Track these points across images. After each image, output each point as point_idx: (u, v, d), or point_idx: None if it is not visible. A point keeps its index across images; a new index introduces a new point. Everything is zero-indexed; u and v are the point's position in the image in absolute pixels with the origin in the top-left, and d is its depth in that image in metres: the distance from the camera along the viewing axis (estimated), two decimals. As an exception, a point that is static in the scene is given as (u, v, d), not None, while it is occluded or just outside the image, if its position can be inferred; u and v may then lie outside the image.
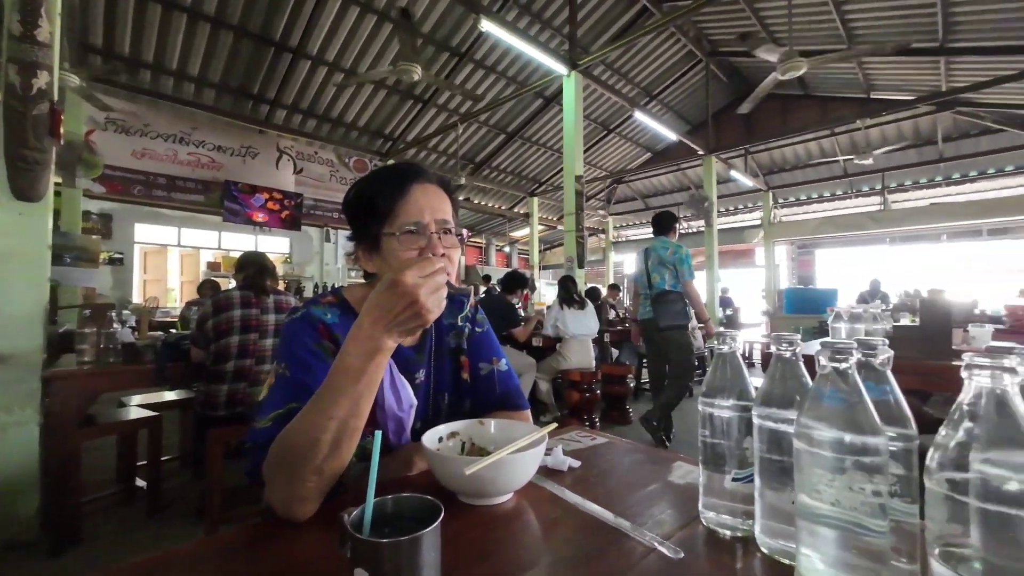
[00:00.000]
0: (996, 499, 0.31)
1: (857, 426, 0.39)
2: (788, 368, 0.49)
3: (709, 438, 0.55)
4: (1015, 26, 5.04)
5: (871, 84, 7.62)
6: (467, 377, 0.85)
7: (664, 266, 3.25)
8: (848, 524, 0.39)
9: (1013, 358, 0.31)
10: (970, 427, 0.32)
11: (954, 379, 0.33)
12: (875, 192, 9.62)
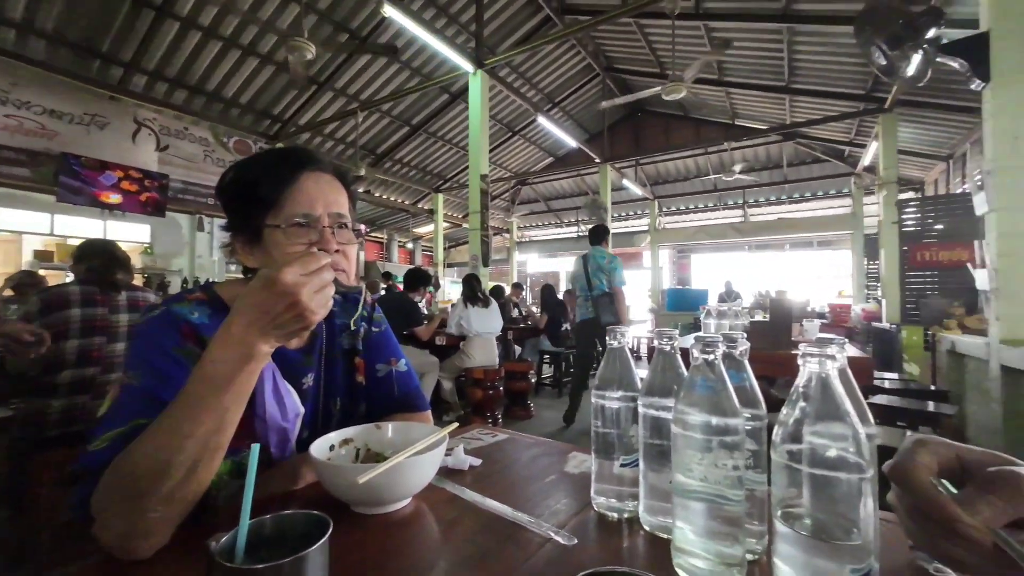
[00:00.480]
0: (821, 464, 0.37)
1: (721, 410, 0.44)
2: (668, 360, 0.54)
3: (600, 428, 0.59)
4: (837, 75, 6.17)
5: (735, 112, 8.79)
6: (362, 379, 0.80)
7: (603, 271, 3.72)
8: (713, 496, 0.44)
9: (834, 347, 0.37)
10: (804, 406, 0.38)
11: (793, 365, 0.39)
12: (738, 206, 11.14)
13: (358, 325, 0.82)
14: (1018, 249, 2.35)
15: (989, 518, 0.31)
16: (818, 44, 5.55)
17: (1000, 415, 2.40)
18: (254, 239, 0.66)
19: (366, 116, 7.42)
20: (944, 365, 3.52)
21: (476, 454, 0.77)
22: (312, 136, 7.82)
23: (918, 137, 6.69)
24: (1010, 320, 2.35)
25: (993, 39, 2.37)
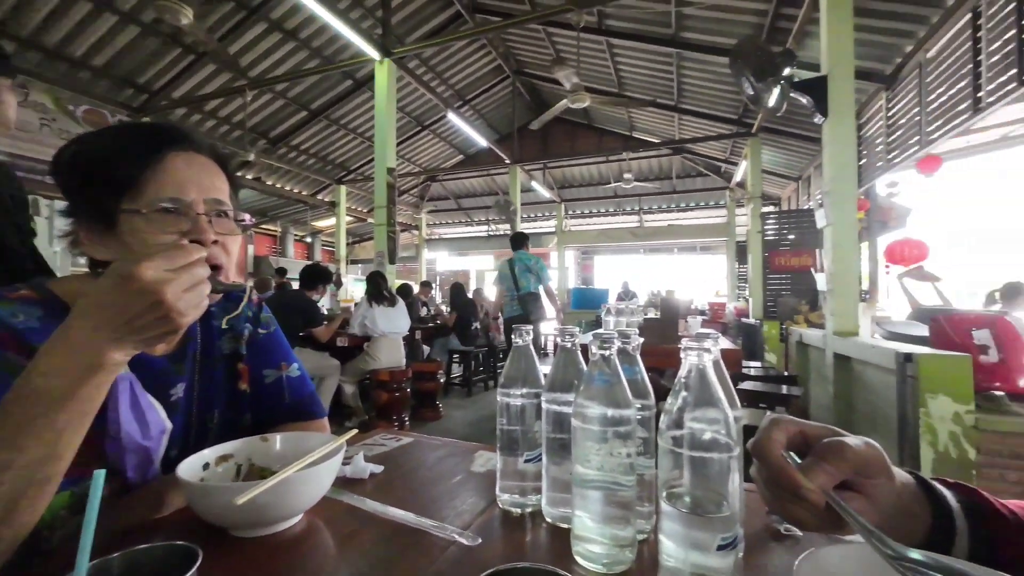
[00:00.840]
0: (698, 447, 0.41)
1: (616, 402, 0.47)
2: (569, 357, 0.57)
3: (506, 425, 0.60)
4: (717, 100, 6.97)
5: (633, 125, 9.52)
6: (246, 387, 0.72)
7: (531, 272, 4.11)
8: (609, 484, 0.47)
9: (709, 341, 0.42)
10: (685, 395, 0.42)
11: (678, 358, 0.43)
12: (634, 212, 12.08)
13: (239, 327, 0.73)
14: (846, 257, 2.86)
15: (823, 482, 0.36)
16: (701, 70, 6.22)
17: (832, 394, 2.90)
18: (105, 226, 0.55)
19: (257, 95, 6.71)
20: (794, 354, 4.17)
21: (378, 460, 0.73)
22: (190, 112, 6.89)
23: (777, 159, 7.82)
24: (840, 315, 2.84)
25: (830, 81, 2.85)
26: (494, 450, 0.74)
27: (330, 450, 0.56)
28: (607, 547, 0.47)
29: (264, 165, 8.34)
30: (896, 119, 4.39)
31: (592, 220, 12.71)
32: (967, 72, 3.24)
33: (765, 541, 0.52)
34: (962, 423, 1.88)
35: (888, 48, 4.20)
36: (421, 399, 4.26)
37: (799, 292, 5.30)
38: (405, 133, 9.26)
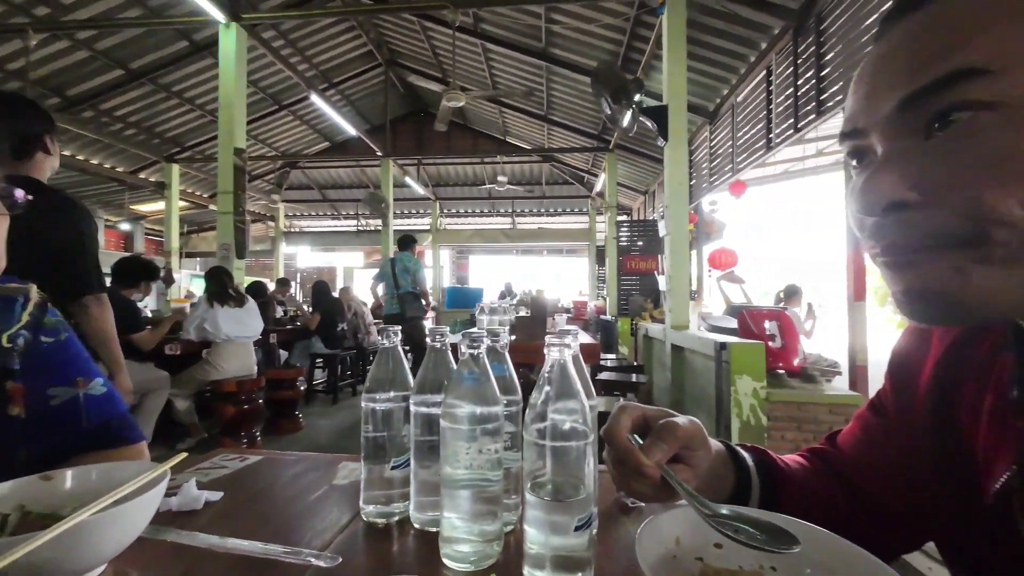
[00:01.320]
0: (559, 437, 0.43)
1: (485, 400, 0.48)
2: (439, 357, 0.56)
3: (371, 432, 0.56)
4: (581, 115, 7.61)
5: (507, 130, 9.87)
6: (20, 412, 0.56)
7: (408, 272, 4.40)
8: (477, 481, 0.47)
9: (569, 337, 0.45)
10: (548, 389, 0.45)
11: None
12: (508, 214, 12.55)
13: (16, 334, 0.57)
14: (680, 262, 3.36)
15: (659, 458, 0.42)
16: (568, 86, 6.73)
17: (669, 379, 3.38)
18: None
19: (46, 40, 5.29)
20: (642, 346, 4.76)
21: (217, 486, 0.63)
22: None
23: (630, 174, 8.84)
24: (676, 312, 3.33)
25: (670, 111, 3.32)
26: (359, 460, 0.69)
27: (146, 481, 0.46)
28: (474, 545, 0.47)
29: (60, 130, 6.62)
30: (716, 148, 5.30)
31: (467, 220, 12.86)
32: (763, 116, 4.07)
33: (615, 515, 0.58)
34: (758, 397, 2.35)
35: (711, 89, 5.05)
36: (278, 410, 3.83)
37: (646, 292, 6.07)
38: (259, 111, 8.21)
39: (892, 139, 0.30)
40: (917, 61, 0.28)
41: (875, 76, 0.31)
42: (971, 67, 0.26)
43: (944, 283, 0.28)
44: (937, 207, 0.28)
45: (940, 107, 0.27)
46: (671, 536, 0.41)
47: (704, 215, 6.66)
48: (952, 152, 0.27)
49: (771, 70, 3.93)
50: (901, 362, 0.47)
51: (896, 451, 0.46)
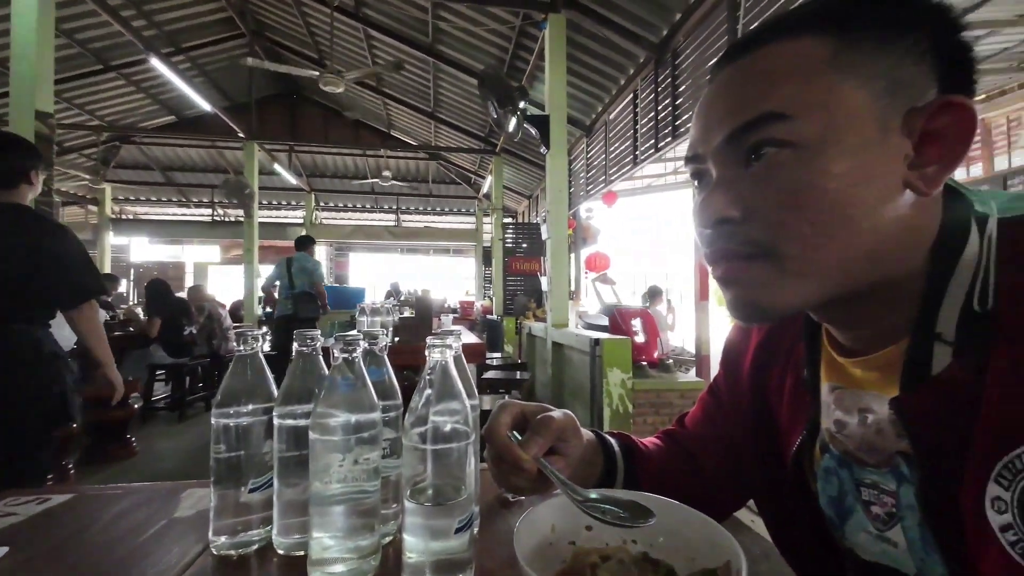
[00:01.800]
0: (441, 440, 0.42)
1: (361, 407, 0.45)
2: (308, 363, 0.51)
3: (224, 452, 0.49)
4: (468, 116, 7.65)
5: (392, 124, 9.51)
6: None
7: (306, 272, 4.36)
8: (353, 494, 0.44)
9: (450, 338, 0.44)
10: (429, 391, 0.43)
11: (430, 355, 0.44)
12: (392, 211, 12.09)
13: None
14: (560, 264, 3.58)
15: (536, 452, 0.44)
16: (456, 86, 6.73)
17: (550, 375, 3.58)
18: None
19: None
20: (525, 344, 4.96)
21: (5, 538, 0.50)
22: None
23: (515, 178, 9.16)
24: (556, 311, 3.54)
25: (551, 122, 3.51)
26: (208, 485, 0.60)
27: None
28: (349, 562, 0.44)
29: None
30: (592, 160, 5.77)
31: (347, 215, 12.09)
32: (630, 135, 4.54)
33: (497, 511, 0.59)
34: (625, 387, 2.61)
35: (588, 105, 5.48)
36: (103, 434, 3.16)
37: (530, 292, 6.35)
38: (76, 68, 6.69)
39: (722, 166, 0.36)
40: (737, 104, 0.34)
41: (708, 113, 0.37)
42: (773, 112, 0.32)
43: (755, 294, 0.35)
44: (752, 223, 0.34)
45: (754, 142, 0.34)
46: (547, 524, 0.43)
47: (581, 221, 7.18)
48: (762, 180, 0.34)
49: (637, 94, 4.40)
50: (730, 351, 0.56)
51: (725, 426, 0.55)
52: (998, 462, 0.29)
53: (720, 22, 3.11)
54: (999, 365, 0.29)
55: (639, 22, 3.87)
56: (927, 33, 0.32)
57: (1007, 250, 0.32)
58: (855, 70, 0.32)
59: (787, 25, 0.34)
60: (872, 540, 0.39)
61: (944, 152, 0.32)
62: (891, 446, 0.36)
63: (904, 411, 0.33)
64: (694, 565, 0.39)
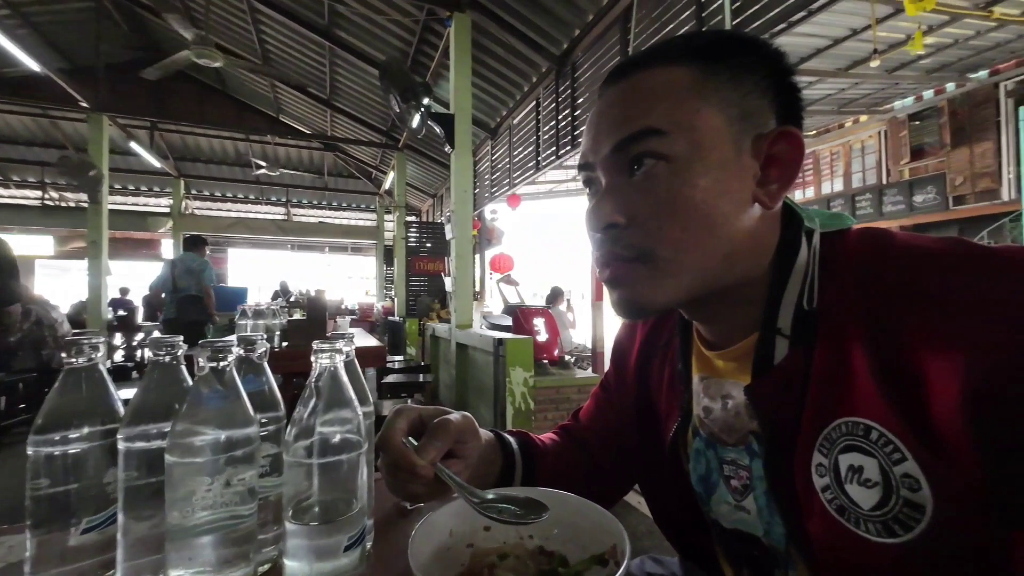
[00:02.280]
0: (329, 452, 0.39)
1: (234, 422, 0.40)
2: (167, 375, 0.44)
3: (47, 488, 0.40)
4: (369, 107, 7.29)
5: (281, 108, 8.71)
6: None
7: (192, 274, 4.13)
8: (224, 521, 0.39)
9: (340, 342, 0.41)
10: (315, 400, 0.40)
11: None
12: (281, 203, 11.07)
13: None
14: (465, 264, 3.57)
15: (433, 457, 0.42)
16: (355, 74, 6.37)
17: (454, 376, 3.56)
18: None
19: None
20: (429, 346, 4.86)
21: None
22: None
23: (419, 176, 8.95)
24: (460, 312, 3.52)
25: (456, 121, 3.49)
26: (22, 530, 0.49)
27: None
28: (217, 600, 0.38)
29: None
30: (497, 163, 5.85)
31: (226, 205, 10.80)
32: (533, 140, 4.69)
33: (394, 521, 0.57)
34: (528, 385, 2.69)
35: (493, 108, 5.55)
36: None
37: (434, 292, 6.24)
38: None
39: (609, 174, 0.40)
40: (622, 119, 0.39)
41: (597, 126, 0.41)
42: (652, 127, 0.37)
43: (635, 293, 0.39)
44: (634, 229, 0.38)
45: (636, 154, 0.38)
46: (445, 530, 0.42)
47: (486, 222, 7.25)
48: (642, 189, 0.38)
49: (539, 102, 4.57)
50: (618, 348, 0.60)
51: (614, 417, 0.59)
52: (820, 434, 0.35)
53: (614, 42, 3.36)
54: (821, 354, 0.35)
55: (541, 33, 4.03)
56: (768, 74, 0.39)
57: (824, 260, 0.39)
58: (715, 97, 0.38)
59: (661, 54, 0.40)
60: (731, 510, 0.44)
61: (782, 173, 0.38)
62: (745, 426, 0.42)
63: (754, 396, 0.39)
64: (586, 552, 0.41)
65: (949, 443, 0.29)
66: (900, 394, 0.31)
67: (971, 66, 6.32)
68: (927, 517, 0.30)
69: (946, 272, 0.32)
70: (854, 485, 0.33)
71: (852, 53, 5.38)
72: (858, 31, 4.88)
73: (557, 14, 3.75)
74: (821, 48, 5.22)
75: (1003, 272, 0.30)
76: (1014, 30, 5.15)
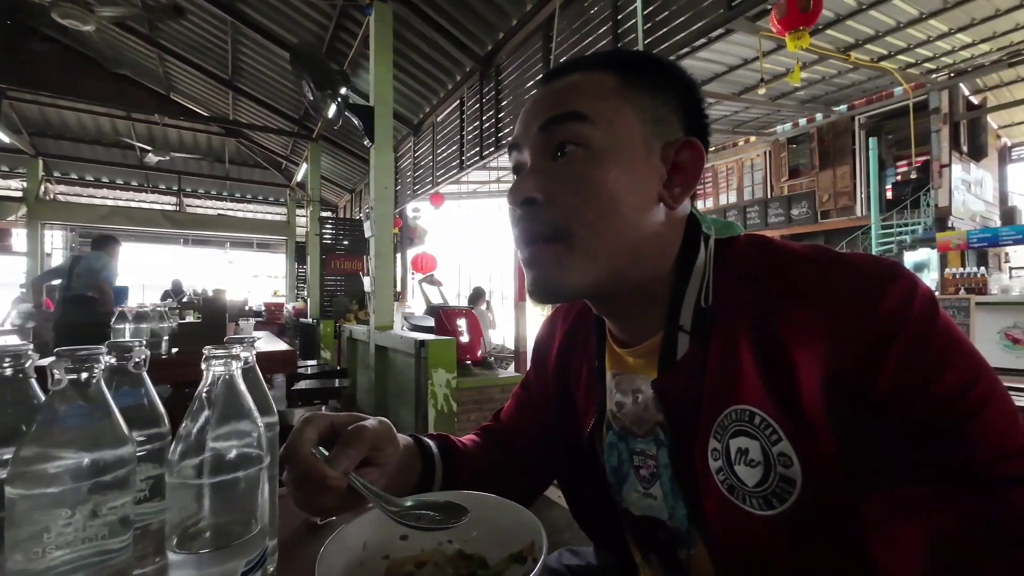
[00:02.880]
0: (223, 469, 0.35)
1: (101, 442, 0.34)
2: (14, 391, 0.37)
3: None
4: (278, 92, 6.74)
5: (172, 85, 7.76)
6: None
7: (91, 273, 3.74)
8: (89, 559, 0.33)
9: (237, 347, 0.37)
10: (208, 413, 0.36)
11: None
12: (172, 192, 9.87)
13: None
14: (385, 264, 3.44)
15: (346, 467, 0.40)
16: (262, 55, 5.86)
17: (373, 380, 3.41)
18: None
19: None
20: (346, 349, 4.62)
21: None
22: None
23: (335, 170, 8.47)
24: (380, 313, 3.39)
25: (376, 115, 3.35)
26: None
27: None
28: (78, 653, 0.33)
29: None
30: (419, 160, 5.72)
31: (101, 191, 9.40)
32: (457, 140, 4.66)
33: (302, 539, 0.53)
34: (450, 387, 2.66)
35: (416, 104, 5.42)
36: None
37: (351, 293, 5.94)
38: None
39: (535, 155, 0.43)
40: (553, 103, 0.43)
41: (530, 112, 0.45)
42: (578, 111, 0.41)
43: (550, 273, 0.41)
44: (551, 207, 0.41)
45: (560, 139, 0.42)
46: (358, 543, 0.40)
47: (408, 220, 7.07)
48: (562, 171, 0.41)
49: (464, 101, 4.54)
50: (539, 346, 0.61)
51: (535, 415, 0.60)
52: (715, 421, 0.38)
53: (536, 49, 3.44)
54: (715, 348, 0.39)
55: (466, 32, 4.01)
56: (678, 93, 0.44)
57: (718, 262, 0.43)
58: (634, 100, 0.42)
59: (591, 62, 0.44)
60: (640, 497, 0.47)
61: (685, 179, 0.43)
62: (653, 418, 0.45)
63: (660, 389, 0.42)
64: (505, 551, 0.41)
65: (814, 424, 0.34)
66: (777, 381, 0.36)
67: (835, 100, 7.41)
68: (797, 489, 0.34)
69: (811, 273, 0.37)
70: (742, 466, 0.37)
71: (744, 80, 6.04)
72: (748, 61, 5.49)
73: (481, 14, 3.76)
74: (719, 73, 5.79)
75: (852, 274, 0.36)
76: (865, 72, 6.13)
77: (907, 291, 0.33)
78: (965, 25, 5.22)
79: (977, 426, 0.30)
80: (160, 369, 1.79)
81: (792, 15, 2.93)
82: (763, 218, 9.69)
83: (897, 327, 0.32)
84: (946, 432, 0.30)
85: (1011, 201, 9.35)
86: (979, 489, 0.28)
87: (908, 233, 7.64)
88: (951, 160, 7.38)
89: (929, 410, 0.31)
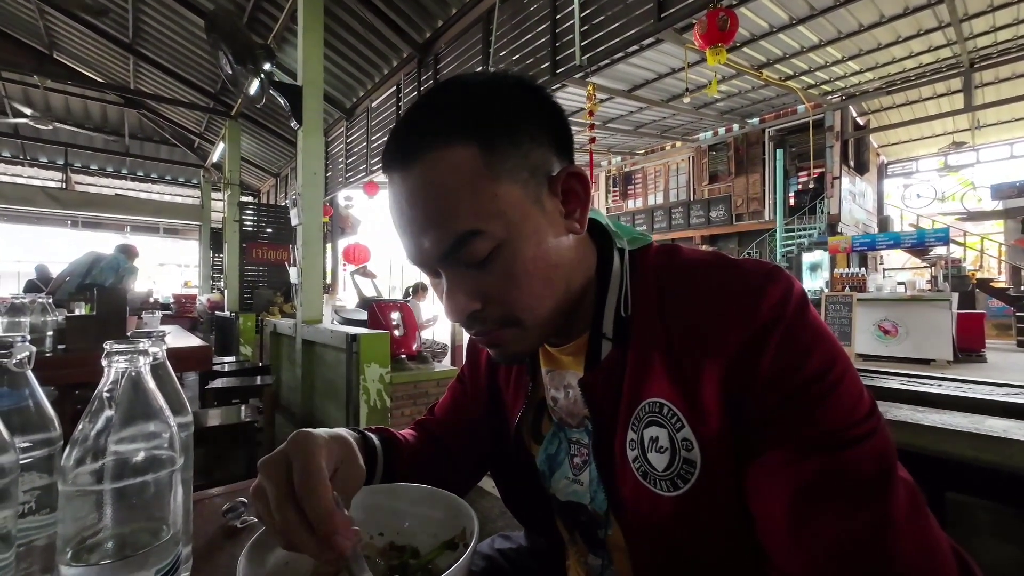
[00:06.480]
0: (129, 474, 0.32)
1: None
2: None
3: None
4: (191, 63, 6.11)
5: (55, 43, 6.76)
6: None
7: None
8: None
9: (145, 342, 0.34)
10: (110, 413, 0.33)
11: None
12: (57, 167, 8.63)
13: None
14: (314, 254, 3.27)
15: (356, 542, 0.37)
16: (171, 19, 5.28)
17: (299, 376, 3.24)
18: None
19: None
20: (269, 344, 4.33)
21: None
22: None
23: (258, 152, 7.85)
24: (308, 306, 3.21)
25: (304, 95, 3.16)
26: None
27: None
28: None
29: None
30: (352, 146, 5.47)
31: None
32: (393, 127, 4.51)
33: (219, 542, 0.50)
34: (384, 381, 2.59)
35: (349, 87, 5.16)
36: None
37: (275, 284, 5.56)
38: None
39: (450, 269, 0.41)
40: (430, 224, 0.39)
41: (409, 230, 0.40)
42: (465, 231, 0.38)
43: (511, 349, 0.44)
44: (491, 307, 0.42)
45: (466, 259, 0.39)
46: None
47: (339, 209, 6.74)
48: (490, 275, 0.40)
49: (400, 88, 4.41)
50: (472, 342, 0.62)
51: (469, 408, 0.61)
52: (632, 415, 0.42)
53: (476, 41, 3.42)
54: (634, 351, 0.43)
55: (403, 16, 3.88)
56: (539, 120, 0.42)
57: (634, 270, 0.47)
58: (503, 170, 0.39)
59: (438, 131, 0.38)
60: (568, 483, 0.50)
61: (579, 200, 0.44)
62: (582, 411, 0.48)
63: (585, 386, 0.45)
64: (437, 540, 0.41)
65: (712, 412, 0.39)
66: (682, 373, 0.41)
67: (749, 113, 8.10)
68: (697, 470, 0.39)
69: (710, 277, 0.43)
70: (653, 452, 0.41)
71: (671, 88, 6.42)
72: (676, 71, 5.84)
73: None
74: (649, 80, 6.11)
75: (741, 276, 0.41)
76: (774, 90, 6.76)
77: (785, 289, 0.39)
78: (854, 54, 5.93)
79: (834, 399, 0.36)
80: (43, 370, 1.57)
81: (712, 32, 3.15)
82: (686, 219, 10.39)
83: (777, 319, 0.38)
84: (811, 404, 0.36)
85: (886, 211, 10.82)
86: (834, 448, 0.35)
87: (807, 236, 8.57)
88: (841, 173, 8.38)
89: (799, 387, 0.37)
